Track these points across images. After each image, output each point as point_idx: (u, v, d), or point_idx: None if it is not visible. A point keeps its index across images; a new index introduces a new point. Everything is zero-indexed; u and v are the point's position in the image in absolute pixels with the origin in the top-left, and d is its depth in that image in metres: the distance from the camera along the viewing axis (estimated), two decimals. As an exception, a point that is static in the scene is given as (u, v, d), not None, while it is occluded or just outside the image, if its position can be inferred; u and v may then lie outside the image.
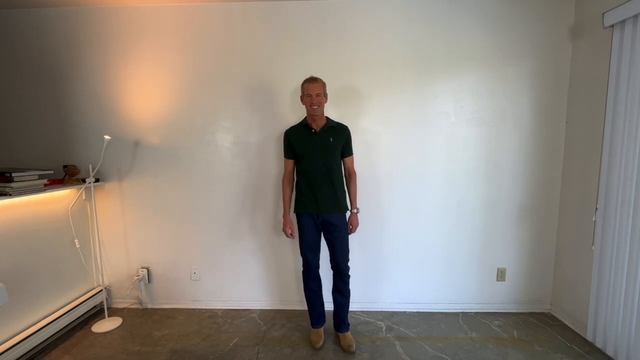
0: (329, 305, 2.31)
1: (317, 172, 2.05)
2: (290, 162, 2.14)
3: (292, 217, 2.21)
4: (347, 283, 2.18)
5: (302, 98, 2.07)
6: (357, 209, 2.20)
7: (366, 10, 2.40)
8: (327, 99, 2.10)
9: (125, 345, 2.21)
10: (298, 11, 2.42)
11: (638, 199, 1.84)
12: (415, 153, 2.50)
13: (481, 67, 2.41)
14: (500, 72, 2.41)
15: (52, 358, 2.08)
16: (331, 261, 2.17)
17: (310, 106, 2.00)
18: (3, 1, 2.36)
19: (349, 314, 2.24)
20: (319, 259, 2.20)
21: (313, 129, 2.06)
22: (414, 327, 2.40)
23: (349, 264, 2.17)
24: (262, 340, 2.26)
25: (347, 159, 2.17)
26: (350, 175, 2.19)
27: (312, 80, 2.02)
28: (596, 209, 2.09)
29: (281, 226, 2.24)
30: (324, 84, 2.05)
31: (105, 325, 2.42)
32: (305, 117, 2.11)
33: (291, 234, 2.16)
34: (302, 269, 2.21)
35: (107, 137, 2.34)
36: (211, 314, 2.61)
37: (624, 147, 1.90)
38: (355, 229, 2.18)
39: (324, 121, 2.10)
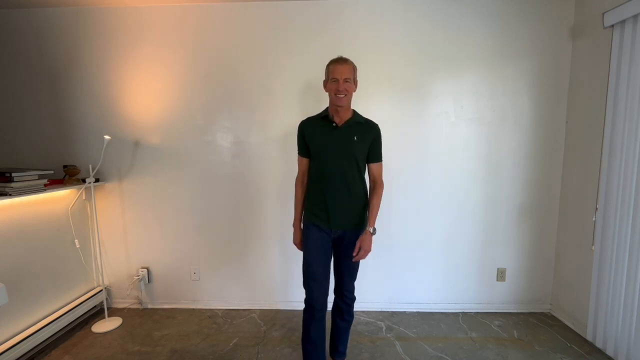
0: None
1: (332, 176, 1.66)
2: (305, 160, 1.77)
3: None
4: (351, 306, 1.83)
5: (325, 83, 1.67)
6: (374, 228, 1.70)
7: (366, 10, 2.40)
8: (357, 86, 1.69)
9: (125, 345, 2.21)
10: (298, 11, 2.42)
11: (638, 199, 1.84)
12: (415, 153, 2.50)
13: (481, 67, 2.41)
14: (500, 72, 2.41)
15: (52, 358, 2.08)
16: (336, 278, 1.81)
17: (335, 94, 1.61)
18: (3, 1, 2.36)
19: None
20: (327, 292, 1.70)
21: (334, 122, 1.67)
22: (414, 327, 2.40)
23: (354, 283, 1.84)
24: (262, 340, 2.26)
25: (373, 166, 1.74)
26: (376, 186, 1.75)
27: (340, 61, 1.62)
28: (596, 209, 2.09)
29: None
30: (354, 68, 1.65)
31: (105, 325, 2.42)
32: (327, 107, 1.72)
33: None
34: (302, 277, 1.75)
35: (107, 137, 2.34)
36: (211, 314, 2.61)
37: (624, 147, 1.90)
38: (366, 255, 1.67)
39: (350, 114, 1.70)
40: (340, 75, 1.59)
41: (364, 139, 1.68)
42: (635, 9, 1.78)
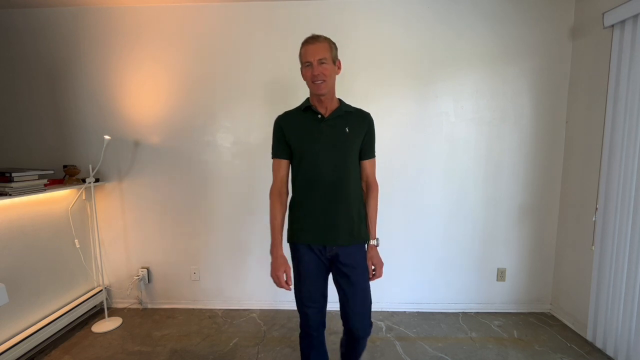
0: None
1: (323, 178, 1.37)
2: (284, 163, 1.45)
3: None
4: (366, 339, 1.52)
5: (302, 71, 1.38)
6: (377, 239, 1.48)
7: (366, 10, 2.40)
8: (340, 68, 1.40)
9: (125, 345, 2.21)
10: (298, 11, 2.42)
11: (638, 199, 1.84)
12: (415, 153, 2.50)
13: (481, 67, 2.41)
14: (500, 72, 2.41)
15: (52, 358, 2.08)
16: (343, 317, 1.47)
17: (312, 81, 1.32)
18: (3, 1, 2.36)
19: None
20: (325, 315, 1.49)
21: (319, 113, 1.39)
22: (414, 327, 2.40)
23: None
24: (262, 340, 2.26)
25: (366, 162, 1.48)
26: (370, 187, 1.50)
27: (310, 40, 1.33)
28: (596, 209, 2.09)
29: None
30: (330, 46, 1.34)
31: (105, 325, 2.42)
32: (307, 99, 1.45)
33: (287, 282, 1.41)
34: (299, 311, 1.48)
35: (107, 137, 2.34)
36: (211, 314, 2.61)
37: (624, 147, 1.90)
38: (381, 271, 1.46)
39: (336, 104, 1.43)
40: (312, 56, 1.30)
41: (356, 131, 1.41)
42: (635, 9, 1.78)
